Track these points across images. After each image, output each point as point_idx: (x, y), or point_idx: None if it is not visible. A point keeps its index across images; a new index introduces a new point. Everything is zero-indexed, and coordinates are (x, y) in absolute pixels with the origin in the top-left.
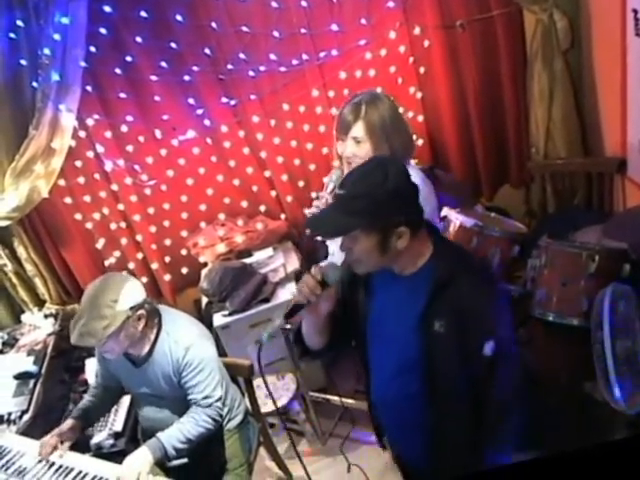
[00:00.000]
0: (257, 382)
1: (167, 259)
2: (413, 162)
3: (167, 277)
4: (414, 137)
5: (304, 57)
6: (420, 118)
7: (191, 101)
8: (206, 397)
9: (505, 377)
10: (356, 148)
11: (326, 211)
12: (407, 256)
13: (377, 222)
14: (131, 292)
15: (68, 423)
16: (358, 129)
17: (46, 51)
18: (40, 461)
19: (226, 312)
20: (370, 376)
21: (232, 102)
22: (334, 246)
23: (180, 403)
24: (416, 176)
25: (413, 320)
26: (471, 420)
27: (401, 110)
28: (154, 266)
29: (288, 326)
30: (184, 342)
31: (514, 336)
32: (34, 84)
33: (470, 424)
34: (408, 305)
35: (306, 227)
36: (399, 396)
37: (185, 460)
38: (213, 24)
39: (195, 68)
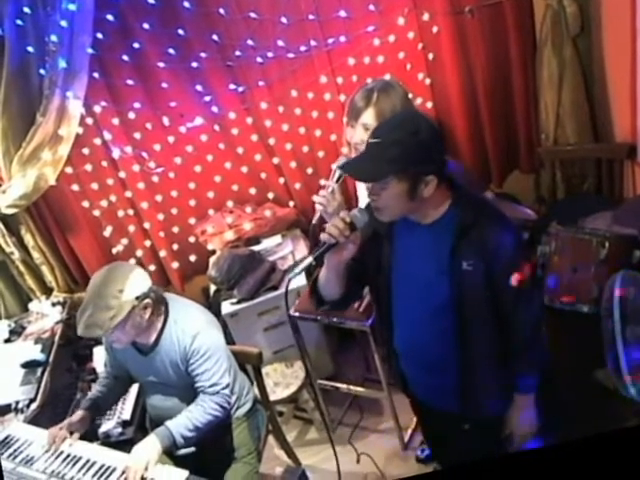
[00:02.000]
0: (265, 370)
1: (175, 247)
2: None
3: (175, 265)
4: None
5: (312, 43)
6: (429, 104)
7: (199, 88)
8: (213, 385)
9: (531, 300)
10: (365, 135)
11: (361, 157)
12: (430, 204)
13: (410, 169)
14: (137, 281)
15: (78, 414)
16: (368, 116)
17: (53, 38)
18: (48, 450)
19: (234, 300)
20: (393, 325)
21: (240, 89)
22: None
23: (188, 391)
24: None
25: (441, 263)
26: (499, 354)
27: (410, 96)
28: (162, 254)
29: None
30: (191, 330)
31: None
32: (41, 71)
33: (498, 355)
34: (434, 250)
35: (343, 171)
36: (429, 339)
37: (193, 449)
38: (221, 10)
39: (203, 55)
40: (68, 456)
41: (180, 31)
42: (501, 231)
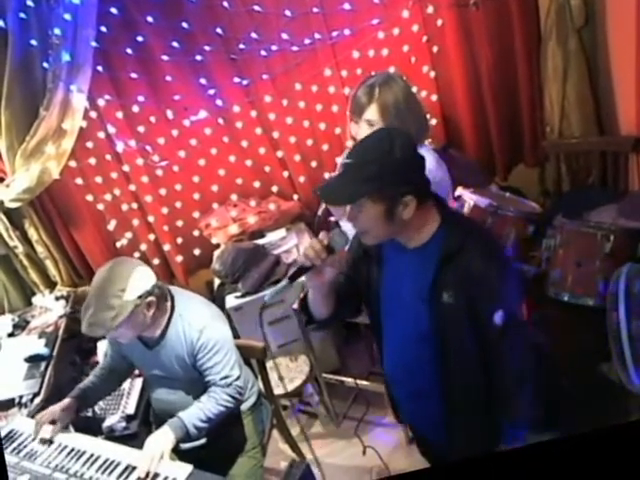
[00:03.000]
0: (270, 364)
1: (179, 240)
2: (427, 142)
3: (179, 258)
4: (428, 117)
5: (316, 36)
6: (434, 97)
7: (203, 81)
8: (225, 377)
9: (516, 347)
10: (369, 131)
11: (334, 179)
12: (413, 227)
13: (384, 190)
14: (139, 280)
15: (64, 402)
16: (371, 112)
17: (57, 31)
18: (51, 444)
19: (239, 294)
20: (383, 350)
21: (244, 82)
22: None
23: (193, 385)
24: (430, 158)
25: (422, 292)
26: (484, 390)
27: (414, 89)
28: (166, 247)
29: (291, 286)
30: (198, 324)
31: (523, 306)
32: (45, 65)
33: (483, 394)
34: (417, 277)
35: (318, 196)
36: (412, 367)
37: (199, 442)
38: (225, 3)
39: (207, 48)
40: (72, 450)
41: (184, 24)
42: (486, 263)
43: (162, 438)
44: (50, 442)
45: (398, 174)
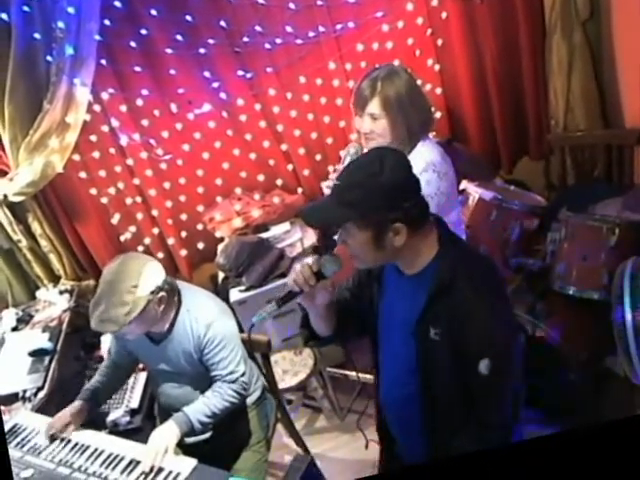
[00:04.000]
0: (274, 358)
1: (183, 234)
2: (431, 135)
3: (183, 252)
4: (433, 110)
5: (320, 29)
6: (438, 90)
7: (207, 74)
8: (231, 372)
9: (501, 396)
10: (373, 124)
11: (322, 201)
12: (408, 254)
13: (370, 215)
14: (151, 275)
15: (76, 405)
16: (374, 106)
17: (60, 24)
18: (55, 439)
19: (243, 287)
20: (379, 374)
21: (248, 75)
22: None
23: (200, 379)
24: (435, 151)
25: (411, 324)
26: (469, 427)
27: (419, 82)
28: (170, 241)
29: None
30: (205, 319)
31: (516, 351)
32: (48, 58)
33: (468, 431)
34: (409, 307)
35: (300, 217)
36: (399, 398)
37: (204, 436)
38: None
39: (211, 41)
40: (76, 445)
41: (188, 17)
42: (476, 305)
43: (167, 432)
44: (55, 438)
45: (385, 199)
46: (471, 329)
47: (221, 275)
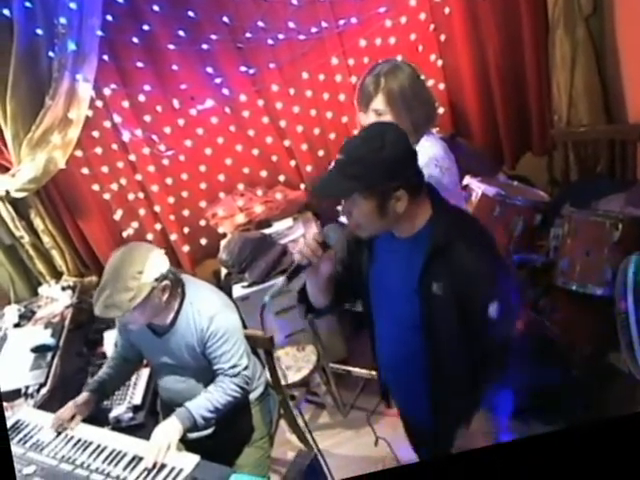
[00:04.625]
0: (277, 354)
1: (186, 230)
2: (434, 131)
3: (186, 248)
4: (437, 104)
5: (323, 25)
6: (441, 86)
7: (209, 70)
8: (233, 366)
9: (503, 335)
10: (378, 120)
11: (328, 175)
12: (406, 219)
13: (374, 186)
14: (156, 263)
15: (83, 397)
16: (378, 102)
17: (62, 20)
18: (58, 435)
19: (245, 283)
20: (375, 337)
21: (251, 71)
22: None
23: (203, 373)
24: (438, 146)
25: (412, 282)
26: (471, 378)
27: (422, 77)
28: (173, 237)
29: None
30: (208, 312)
31: (515, 296)
32: (50, 54)
33: (470, 382)
34: (407, 267)
35: (312, 191)
36: (401, 355)
37: (206, 432)
38: None
39: (213, 37)
40: (79, 441)
41: (190, 13)
42: (475, 256)
43: (169, 429)
44: (58, 433)
45: (388, 170)
46: (472, 279)
47: (224, 271)
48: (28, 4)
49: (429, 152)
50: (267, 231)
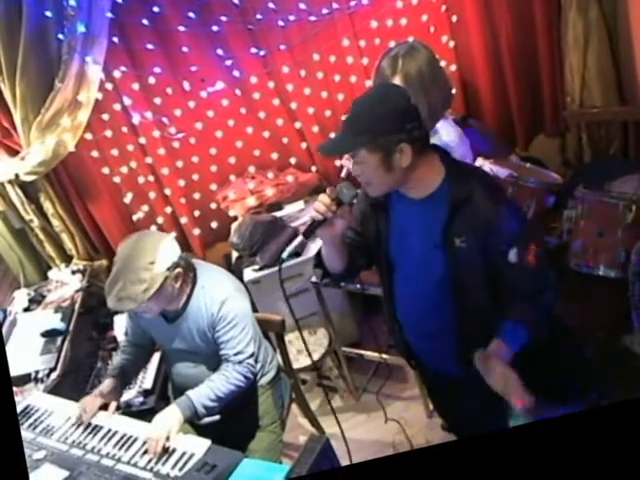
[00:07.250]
0: (289, 338)
1: (196, 213)
2: (447, 113)
3: (196, 231)
4: (453, 88)
5: (334, 6)
6: (453, 67)
7: (220, 52)
8: (238, 353)
9: (535, 280)
10: None
11: (336, 136)
12: (417, 177)
13: (378, 139)
14: (167, 251)
15: (109, 383)
16: (397, 83)
17: (72, 2)
18: (68, 420)
19: (257, 267)
20: (395, 298)
21: (261, 52)
22: None
23: (215, 358)
24: (453, 133)
25: (434, 239)
26: (495, 317)
27: (437, 57)
28: (183, 220)
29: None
30: (219, 296)
31: (538, 239)
32: (60, 36)
33: (494, 320)
34: (427, 226)
35: (319, 150)
36: (427, 309)
37: (217, 417)
38: None
39: (223, 18)
40: (89, 426)
41: None
42: (495, 207)
43: (170, 417)
44: (68, 418)
45: (391, 124)
46: (494, 228)
47: (235, 254)
48: None
49: (443, 138)
50: (278, 214)
